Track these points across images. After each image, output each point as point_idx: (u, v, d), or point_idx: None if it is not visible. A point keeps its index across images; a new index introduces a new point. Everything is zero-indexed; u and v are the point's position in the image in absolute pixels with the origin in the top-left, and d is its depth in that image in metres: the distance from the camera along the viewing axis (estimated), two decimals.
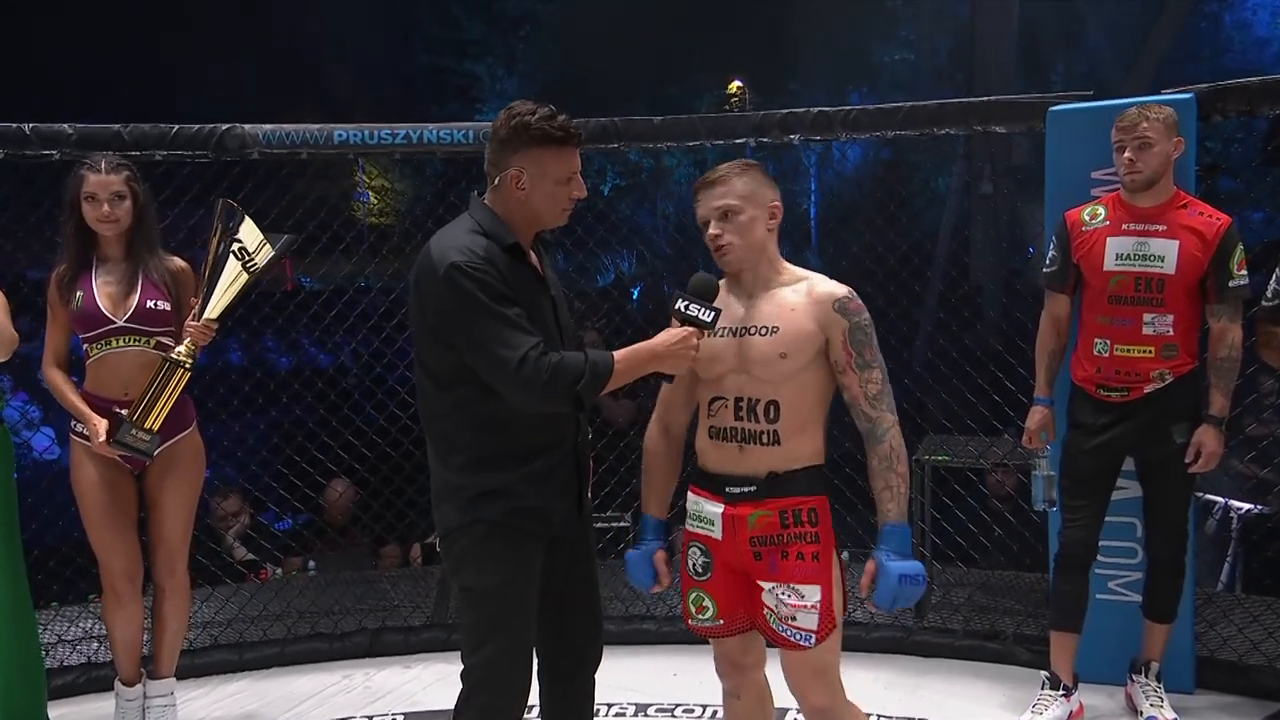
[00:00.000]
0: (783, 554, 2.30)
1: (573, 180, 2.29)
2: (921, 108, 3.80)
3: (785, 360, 2.29)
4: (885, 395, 2.32)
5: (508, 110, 2.27)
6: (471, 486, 2.27)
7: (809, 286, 2.34)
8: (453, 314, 2.17)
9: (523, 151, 2.23)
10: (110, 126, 3.70)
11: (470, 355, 2.19)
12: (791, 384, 2.30)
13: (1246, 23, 18.90)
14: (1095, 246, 3.20)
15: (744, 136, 3.96)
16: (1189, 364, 3.17)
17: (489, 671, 2.29)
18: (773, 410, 2.31)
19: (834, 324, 2.30)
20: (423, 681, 3.80)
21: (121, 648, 3.27)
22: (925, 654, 3.85)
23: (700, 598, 2.43)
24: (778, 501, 2.31)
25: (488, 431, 2.25)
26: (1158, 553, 3.30)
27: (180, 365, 3.07)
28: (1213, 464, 3.17)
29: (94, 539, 3.18)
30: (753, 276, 2.37)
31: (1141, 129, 3.08)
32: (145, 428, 3.05)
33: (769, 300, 2.34)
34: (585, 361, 2.19)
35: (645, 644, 3.97)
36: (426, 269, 2.21)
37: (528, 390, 2.15)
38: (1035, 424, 3.35)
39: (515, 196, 2.26)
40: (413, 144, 3.92)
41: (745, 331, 2.34)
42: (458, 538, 2.31)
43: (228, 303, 3.14)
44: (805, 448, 2.33)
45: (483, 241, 2.22)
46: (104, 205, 3.08)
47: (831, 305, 2.30)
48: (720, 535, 2.36)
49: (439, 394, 2.28)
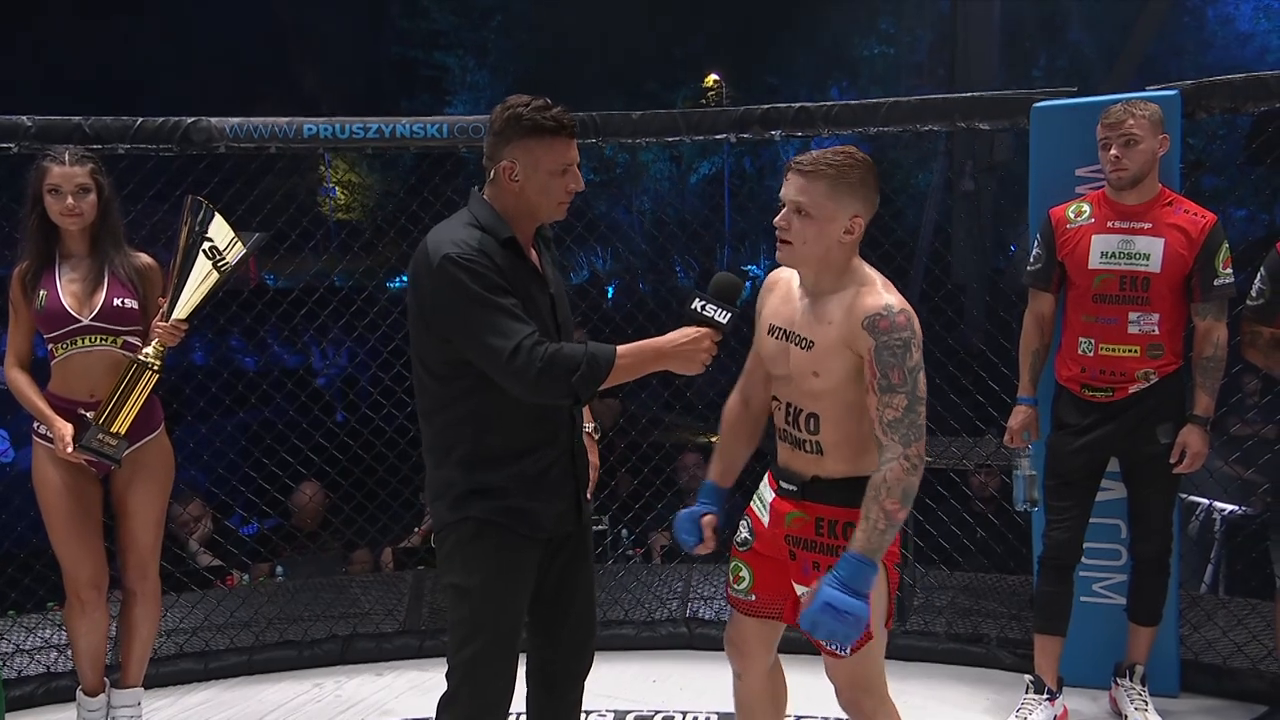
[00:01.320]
0: (814, 564, 2.31)
1: (568, 172, 2.29)
2: (904, 103, 3.82)
3: (818, 379, 2.27)
4: (903, 425, 2.17)
5: (503, 103, 2.28)
6: (462, 483, 2.29)
7: (853, 298, 2.23)
8: (447, 305, 2.19)
9: (515, 143, 2.24)
10: (71, 119, 3.65)
11: (465, 346, 2.20)
12: (830, 399, 2.27)
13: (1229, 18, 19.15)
14: (1080, 244, 3.23)
15: (725, 132, 3.97)
16: (1174, 363, 3.21)
17: (472, 670, 2.31)
18: (813, 422, 2.30)
19: (860, 342, 2.20)
20: (395, 690, 3.79)
21: (85, 657, 3.24)
22: (907, 658, 3.87)
23: (739, 567, 2.51)
24: (815, 507, 2.32)
25: (482, 428, 2.27)
26: (1142, 554, 3.33)
27: (148, 367, 3.04)
28: (1198, 464, 3.21)
29: (58, 546, 3.15)
30: (815, 279, 2.31)
31: (1127, 126, 3.10)
32: (112, 431, 3.02)
33: (818, 308, 2.29)
34: (584, 353, 2.20)
35: (624, 649, 3.97)
36: (422, 262, 2.23)
37: (521, 380, 2.16)
38: (1018, 423, 3.38)
39: (509, 189, 2.27)
40: (385, 138, 3.89)
41: (791, 338, 2.33)
42: (447, 534, 2.33)
43: (197, 302, 3.12)
44: (854, 458, 2.29)
45: (478, 234, 2.23)
46: (68, 198, 3.04)
47: (861, 322, 2.20)
48: (766, 523, 2.43)
49: (436, 389, 2.29)
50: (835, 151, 2.24)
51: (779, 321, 2.37)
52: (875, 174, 2.26)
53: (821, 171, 2.21)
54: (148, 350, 3.07)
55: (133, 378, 3.03)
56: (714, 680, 3.37)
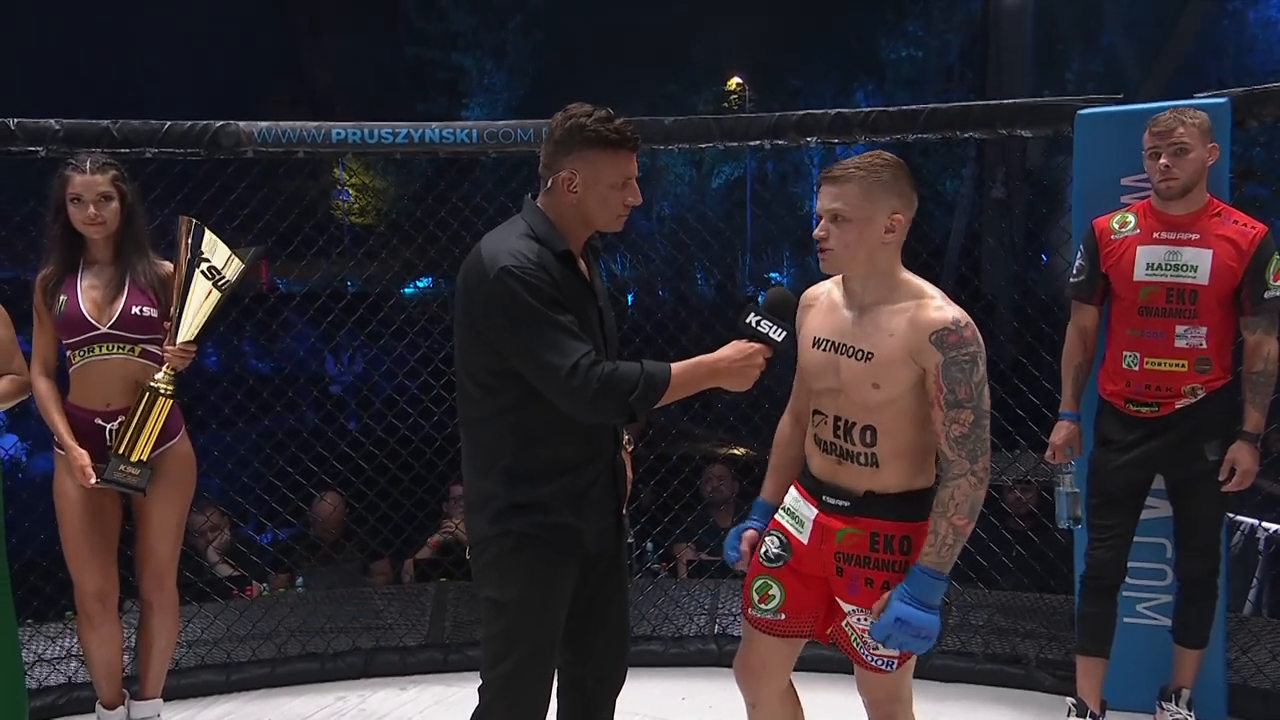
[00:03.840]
0: (867, 580, 2.32)
1: (627, 186, 2.31)
2: (944, 110, 3.82)
3: (878, 390, 2.27)
4: (970, 440, 2.22)
5: (564, 111, 2.30)
6: (503, 497, 2.30)
7: (915, 310, 2.25)
8: (502, 318, 2.20)
9: (576, 153, 2.26)
10: (99, 122, 3.69)
11: (519, 361, 2.22)
12: (889, 410, 2.28)
13: (1271, 20, 19.04)
14: (1125, 256, 3.23)
15: (759, 139, 3.98)
16: (1222, 378, 3.20)
17: (507, 686, 2.32)
18: (869, 435, 2.30)
19: (928, 357, 2.22)
20: (419, 704, 3.81)
21: (100, 670, 3.27)
22: (944, 678, 3.86)
23: (767, 585, 2.46)
24: (870, 522, 2.32)
25: (526, 441, 2.28)
26: (1189, 575, 3.32)
27: (160, 393, 3.09)
28: (1247, 482, 3.19)
29: (69, 557, 3.19)
30: (861, 286, 2.32)
31: (1178, 134, 3.09)
32: (133, 460, 3.07)
33: (872, 319, 2.29)
34: (640, 372, 2.21)
35: (652, 665, 3.97)
36: (476, 271, 2.24)
37: (577, 399, 2.18)
38: (1061, 439, 3.37)
39: (567, 200, 2.29)
40: (414, 144, 3.91)
41: (843, 350, 2.32)
42: (485, 548, 2.34)
43: (202, 323, 3.15)
44: (909, 471, 2.31)
45: (535, 246, 2.25)
46: (90, 207, 3.07)
47: (928, 337, 2.21)
48: (807, 540, 2.41)
49: (481, 399, 2.31)
50: (864, 155, 2.30)
51: (825, 334, 2.37)
52: (908, 172, 2.30)
53: (851, 175, 2.25)
54: (159, 376, 3.11)
55: (147, 404, 3.07)
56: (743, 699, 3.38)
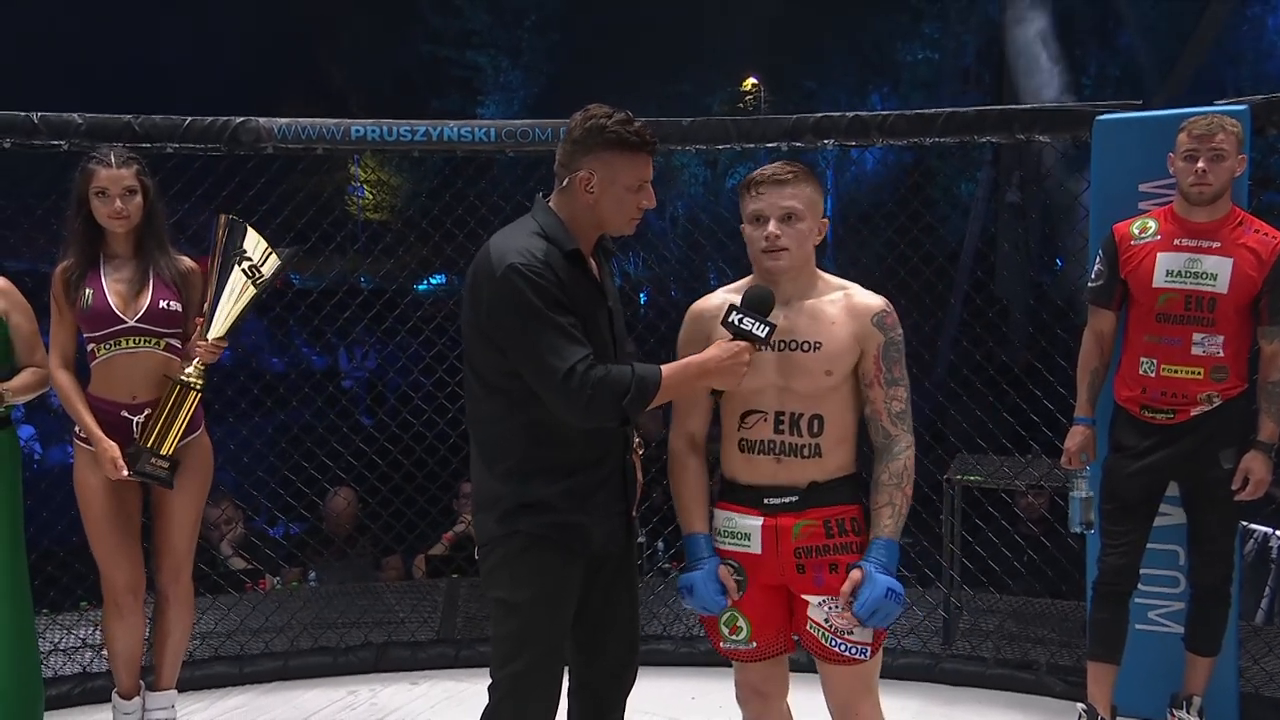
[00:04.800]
0: (831, 566, 2.35)
1: (643, 189, 2.32)
2: (962, 114, 3.83)
3: (830, 376, 2.35)
4: (907, 414, 2.40)
5: (584, 111, 2.32)
6: (512, 497, 2.31)
7: (846, 298, 2.39)
8: (505, 316, 2.22)
9: (595, 154, 2.27)
10: (121, 117, 3.73)
11: (518, 360, 2.23)
12: (834, 397, 2.37)
13: None
14: (1144, 262, 3.22)
15: (776, 140, 4.00)
16: (1239, 387, 3.20)
17: (517, 686, 2.34)
18: (817, 424, 2.36)
19: (870, 338, 2.36)
20: (430, 699, 3.83)
21: (121, 660, 3.30)
22: (954, 682, 3.88)
23: (734, 618, 2.45)
24: (821, 511, 2.36)
25: (534, 441, 2.29)
26: (1202, 582, 3.32)
27: (191, 387, 3.11)
28: (1261, 492, 3.19)
29: (96, 549, 3.21)
30: (793, 286, 2.40)
31: (1218, 140, 3.08)
32: (161, 454, 3.10)
33: (808, 312, 2.38)
34: (631, 376, 2.23)
35: (663, 665, 3.99)
36: (484, 268, 2.26)
37: (571, 403, 2.20)
38: (1075, 444, 3.37)
39: (583, 200, 2.30)
40: (433, 141, 3.94)
41: (787, 345, 2.36)
42: (494, 548, 2.35)
43: (235, 318, 3.17)
44: (844, 457, 2.40)
45: (543, 245, 2.26)
46: (115, 201, 3.09)
47: (870, 319, 2.37)
48: (759, 549, 2.39)
49: (487, 397, 2.32)
50: (784, 160, 2.42)
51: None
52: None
53: (800, 174, 2.36)
54: (189, 370, 3.12)
55: (177, 398, 3.09)
56: None
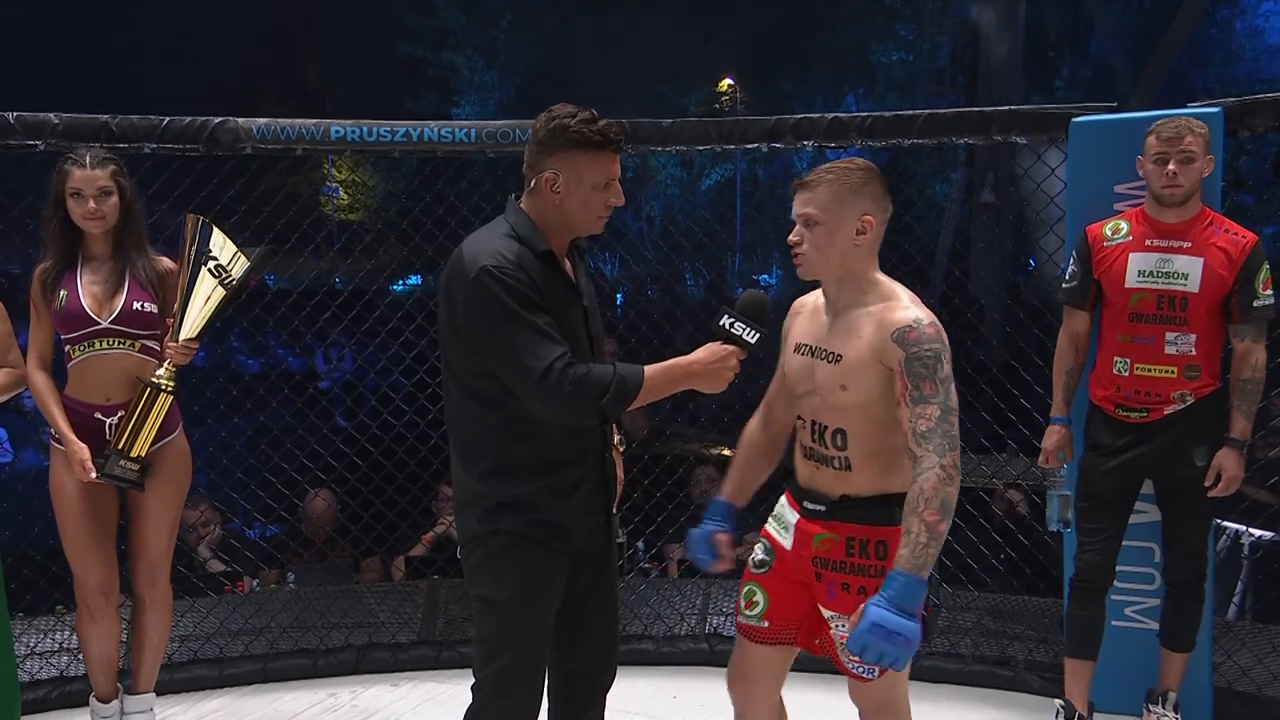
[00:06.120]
0: (844, 585, 2.34)
1: (610, 187, 2.33)
2: (939, 115, 3.86)
3: (846, 392, 2.30)
4: (936, 434, 2.19)
5: (548, 111, 2.32)
6: (492, 496, 2.32)
7: (882, 312, 2.29)
8: (480, 318, 2.22)
9: (559, 154, 2.28)
10: (98, 117, 3.70)
11: (495, 362, 2.24)
12: (857, 414, 2.30)
13: (1258, 30, 19.21)
14: (1117, 262, 3.27)
15: (756, 142, 4.02)
16: (1211, 385, 3.24)
17: (500, 684, 2.35)
18: (840, 438, 2.34)
19: (890, 355, 2.25)
20: (411, 701, 3.83)
21: (97, 664, 3.28)
22: (932, 679, 3.89)
23: (753, 591, 2.50)
24: (845, 526, 2.34)
25: (512, 440, 2.30)
26: (1176, 579, 3.36)
27: (161, 389, 3.10)
28: (1233, 488, 3.24)
29: (69, 551, 3.20)
30: (836, 291, 2.36)
31: (1187, 143, 3.13)
32: (133, 456, 3.09)
33: (845, 323, 2.33)
34: (613, 375, 2.24)
35: (643, 664, 4.00)
36: (457, 271, 2.26)
37: (550, 401, 2.21)
38: (1053, 444, 3.42)
39: (550, 200, 2.31)
40: (413, 142, 3.93)
41: (818, 354, 2.36)
42: (475, 547, 2.36)
43: (205, 320, 3.16)
44: (883, 474, 2.32)
45: (515, 246, 2.27)
46: (90, 202, 3.08)
47: (890, 335, 2.25)
48: (790, 545, 2.44)
49: (465, 399, 2.33)
50: (838, 161, 2.35)
51: (805, 339, 2.42)
52: (880, 178, 2.34)
53: (821, 179, 2.30)
54: (160, 372, 3.12)
55: (148, 400, 3.08)
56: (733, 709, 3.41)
